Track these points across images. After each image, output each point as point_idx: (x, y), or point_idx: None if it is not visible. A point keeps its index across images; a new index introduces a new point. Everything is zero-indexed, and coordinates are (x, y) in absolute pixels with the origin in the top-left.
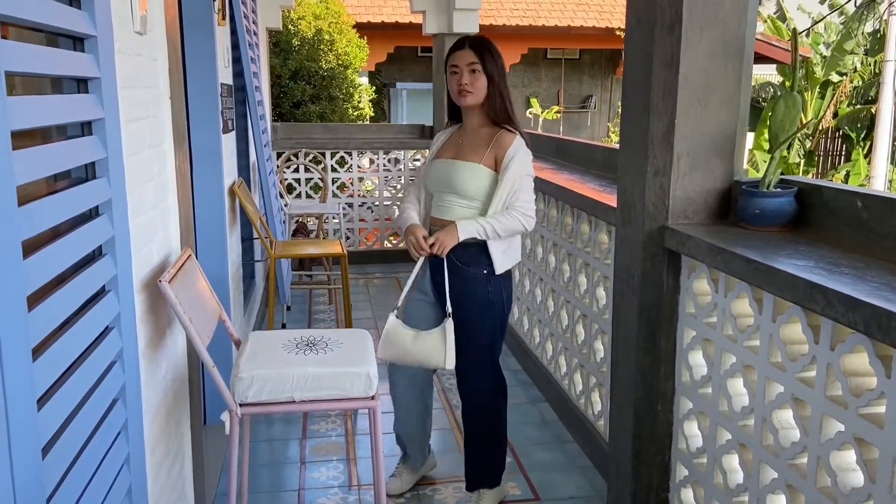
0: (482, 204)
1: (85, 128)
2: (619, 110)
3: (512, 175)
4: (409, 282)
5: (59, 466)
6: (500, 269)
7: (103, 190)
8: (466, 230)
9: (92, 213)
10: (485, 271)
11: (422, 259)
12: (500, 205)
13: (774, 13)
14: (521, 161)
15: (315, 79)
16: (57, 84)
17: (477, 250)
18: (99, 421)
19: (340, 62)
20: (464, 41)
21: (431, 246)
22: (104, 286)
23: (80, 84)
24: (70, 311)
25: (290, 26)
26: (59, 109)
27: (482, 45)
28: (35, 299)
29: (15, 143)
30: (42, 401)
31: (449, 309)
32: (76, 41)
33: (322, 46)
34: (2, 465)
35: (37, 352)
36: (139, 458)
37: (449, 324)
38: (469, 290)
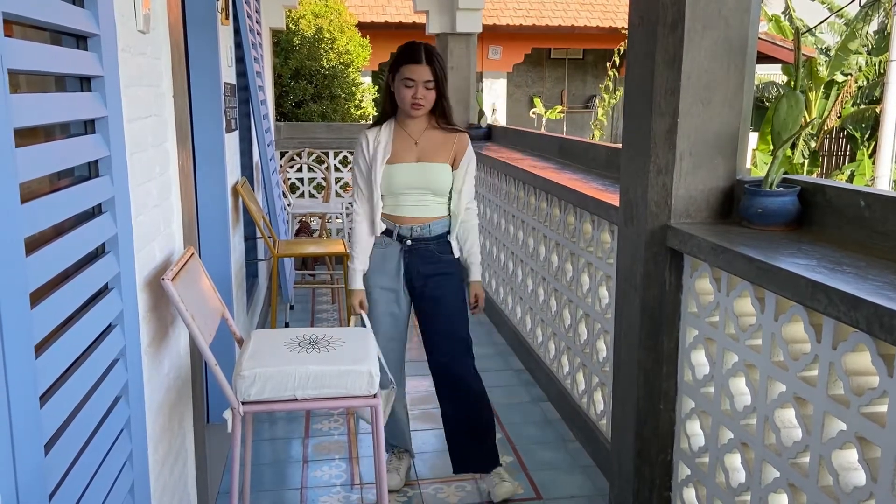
0: (447, 198)
1: (88, 126)
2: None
3: (472, 172)
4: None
5: (62, 463)
6: (457, 253)
7: (106, 188)
8: (479, 270)
9: (95, 211)
10: (456, 256)
11: (397, 250)
12: (464, 199)
13: (782, 12)
14: (474, 159)
15: (316, 78)
16: (60, 82)
17: (445, 239)
18: (101, 418)
19: (342, 61)
20: (419, 53)
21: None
22: (107, 284)
23: (84, 82)
24: (73, 308)
25: (290, 25)
26: (62, 107)
27: (434, 58)
28: (38, 297)
29: (18, 141)
30: (45, 398)
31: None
32: (79, 40)
33: (323, 45)
34: (5, 462)
35: (39, 349)
36: (142, 455)
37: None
38: (450, 273)
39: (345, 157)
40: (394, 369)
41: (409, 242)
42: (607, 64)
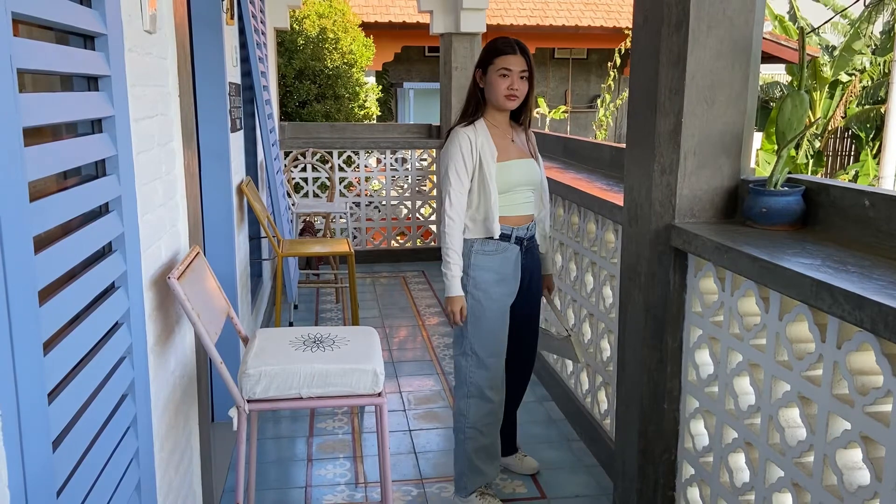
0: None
1: (95, 125)
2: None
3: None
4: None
5: (69, 460)
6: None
7: (113, 187)
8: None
9: (102, 210)
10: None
11: (516, 253)
12: (546, 192)
13: (786, 13)
14: None
15: (320, 78)
16: (67, 82)
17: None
18: (108, 416)
19: (346, 61)
20: (513, 45)
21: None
22: (114, 282)
23: (91, 82)
24: (80, 306)
25: (294, 26)
26: (70, 107)
27: (527, 52)
28: (46, 295)
29: (27, 140)
30: (53, 395)
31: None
32: (87, 39)
33: (326, 45)
34: (13, 458)
35: (48, 346)
36: (148, 453)
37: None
38: (539, 268)
39: (349, 157)
40: (500, 383)
41: (525, 243)
42: (608, 64)
